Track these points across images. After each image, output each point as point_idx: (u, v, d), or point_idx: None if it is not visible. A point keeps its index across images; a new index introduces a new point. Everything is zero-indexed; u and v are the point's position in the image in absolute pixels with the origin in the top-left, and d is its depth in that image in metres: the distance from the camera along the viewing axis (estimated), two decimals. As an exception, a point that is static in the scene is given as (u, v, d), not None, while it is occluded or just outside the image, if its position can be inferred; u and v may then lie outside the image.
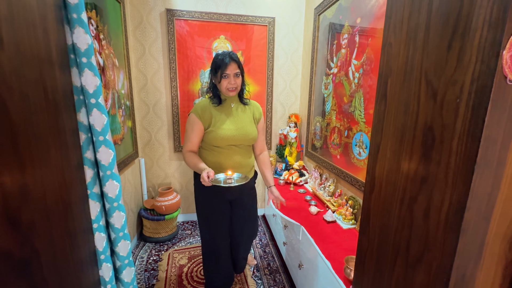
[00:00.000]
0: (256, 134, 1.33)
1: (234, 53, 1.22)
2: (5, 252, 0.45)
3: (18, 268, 0.48)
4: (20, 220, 0.49)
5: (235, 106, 1.29)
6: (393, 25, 0.73)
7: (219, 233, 1.39)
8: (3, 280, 0.44)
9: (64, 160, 0.64)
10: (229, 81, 1.19)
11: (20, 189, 0.48)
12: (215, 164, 1.26)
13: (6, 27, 0.46)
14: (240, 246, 1.51)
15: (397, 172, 0.71)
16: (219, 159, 1.26)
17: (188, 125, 1.26)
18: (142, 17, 2.09)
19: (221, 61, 1.18)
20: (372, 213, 0.84)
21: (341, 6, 1.64)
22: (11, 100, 0.46)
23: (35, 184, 0.52)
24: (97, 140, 0.75)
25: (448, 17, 0.55)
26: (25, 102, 0.51)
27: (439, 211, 0.58)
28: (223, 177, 1.17)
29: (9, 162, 0.46)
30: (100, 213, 0.77)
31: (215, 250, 1.42)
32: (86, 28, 0.69)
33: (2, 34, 0.45)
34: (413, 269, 0.67)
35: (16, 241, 0.47)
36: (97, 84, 0.73)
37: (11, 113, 0.47)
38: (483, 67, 0.48)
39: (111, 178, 0.78)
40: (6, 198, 0.44)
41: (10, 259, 0.46)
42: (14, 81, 0.47)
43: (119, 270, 0.85)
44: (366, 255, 0.87)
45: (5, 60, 0.46)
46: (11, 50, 0.47)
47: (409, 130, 0.67)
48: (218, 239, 1.40)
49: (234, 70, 1.19)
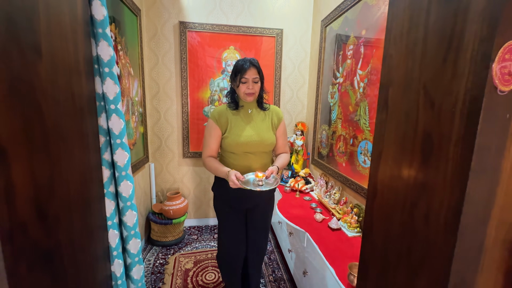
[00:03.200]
0: (274, 140, 1.31)
1: (255, 60, 1.24)
2: (34, 241, 0.50)
3: (43, 258, 0.53)
4: (47, 213, 0.54)
5: (253, 112, 1.29)
6: (394, 38, 0.77)
7: (234, 243, 1.38)
8: (30, 268, 0.49)
9: (86, 160, 0.70)
10: (247, 86, 1.20)
11: (48, 184, 0.53)
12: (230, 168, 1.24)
13: (45, 41, 0.53)
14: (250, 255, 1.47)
15: (398, 178, 0.73)
16: (235, 167, 1.24)
17: (206, 131, 1.28)
18: (156, 29, 2.21)
19: (241, 66, 1.20)
20: (374, 219, 0.86)
21: (347, 18, 1.70)
22: (45, 105, 0.52)
23: (61, 181, 0.58)
24: (114, 143, 0.81)
25: (443, 32, 0.59)
26: (57, 108, 0.57)
27: (438, 215, 0.60)
28: (252, 178, 1.12)
29: (42, 159, 0.51)
30: (114, 211, 0.83)
31: (229, 259, 1.40)
32: (110, 41, 0.76)
33: (42, 47, 0.52)
34: (415, 275, 0.67)
35: (43, 233, 0.52)
36: (117, 91, 0.80)
37: (45, 116, 0.53)
38: (475, 78, 0.51)
39: (125, 179, 0.84)
40: (37, 192, 0.50)
41: (38, 249, 0.51)
42: (49, 89, 0.54)
43: (129, 267, 0.89)
44: (369, 261, 0.88)
45: (43, 71, 0.52)
46: (48, 62, 0.54)
47: (409, 138, 0.69)
48: (233, 248, 1.38)
49: (253, 75, 1.20)
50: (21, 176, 0.47)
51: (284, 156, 1.36)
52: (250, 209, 1.37)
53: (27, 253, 0.48)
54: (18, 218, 0.46)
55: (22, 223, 0.47)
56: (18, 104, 0.46)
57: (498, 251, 0.59)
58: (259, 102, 1.31)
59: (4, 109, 0.43)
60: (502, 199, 0.56)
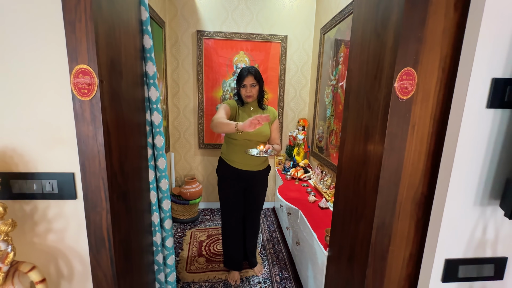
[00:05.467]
0: (269, 133, 1.67)
1: (253, 68, 1.57)
2: (118, 184, 0.85)
3: (122, 196, 0.88)
4: (124, 169, 0.88)
5: (254, 109, 1.65)
6: (353, 56, 1.05)
7: (235, 217, 1.74)
8: (117, 199, 0.83)
9: (139, 141, 1.05)
10: (246, 90, 1.57)
11: (124, 152, 0.87)
12: (232, 153, 1.63)
13: (124, 67, 0.87)
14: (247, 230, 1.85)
15: (352, 158, 1.03)
16: (235, 149, 1.62)
17: (219, 109, 1.59)
18: (177, 37, 2.56)
19: (241, 74, 1.58)
20: (340, 190, 1.15)
21: (340, 29, 1.97)
22: (124, 105, 0.87)
23: (129, 152, 0.92)
24: (155, 131, 1.16)
25: (376, 58, 0.88)
26: (128, 106, 0.91)
27: (370, 181, 0.89)
28: (256, 151, 1.49)
29: (122, 136, 0.86)
30: (154, 179, 1.18)
31: (230, 231, 1.77)
32: (153, 62, 1.10)
33: (122, 71, 0.86)
34: (358, 223, 0.97)
35: (122, 180, 0.87)
36: (157, 95, 1.15)
37: (123, 111, 0.87)
38: (387, 90, 0.80)
39: (161, 156, 1.19)
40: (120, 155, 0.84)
41: (120, 189, 0.86)
42: (125, 95, 0.88)
43: (163, 219, 1.25)
44: (336, 221, 1.19)
45: (124, 85, 0.86)
46: (125, 79, 0.87)
47: (358, 129, 0.99)
48: (233, 221, 1.75)
49: (250, 81, 1.56)
50: (114, 144, 0.81)
51: (277, 145, 1.70)
52: (247, 189, 1.73)
53: (116, 190, 0.83)
54: (113, 169, 0.80)
55: (114, 172, 0.81)
56: (114, 104, 0.80)
57: (409, 205, 0.87)
58: (259, 102, 1.65)
59: (109, 107, 0.77)
60: (409, 168, 0.84)
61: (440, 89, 0.79)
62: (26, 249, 0.84)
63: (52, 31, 0.73)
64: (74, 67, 0.71)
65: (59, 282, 0.88)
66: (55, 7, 0.72)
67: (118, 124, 0.84)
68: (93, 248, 0.82)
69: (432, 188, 0.84)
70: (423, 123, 0.81)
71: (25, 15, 0.72)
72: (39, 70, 0.75)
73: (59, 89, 0.76)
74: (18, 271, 0.73)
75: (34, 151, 0.79)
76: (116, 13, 0.83)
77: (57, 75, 0.75)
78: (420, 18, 0.73)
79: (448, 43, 0.76)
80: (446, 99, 0.79)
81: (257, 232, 1.92)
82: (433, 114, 0.80)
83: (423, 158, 0.83)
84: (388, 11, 0.80)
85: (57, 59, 0.74)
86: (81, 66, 0.70)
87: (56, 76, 0.75)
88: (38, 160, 0.80)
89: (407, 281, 0.91)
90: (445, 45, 0.76)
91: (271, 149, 1.51)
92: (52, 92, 0.76)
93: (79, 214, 0.83)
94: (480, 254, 0.81)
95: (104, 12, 0.75)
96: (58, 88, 0.76)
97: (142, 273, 1.09)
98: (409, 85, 0.77)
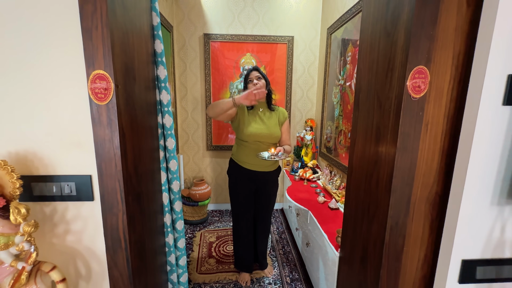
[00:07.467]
0: (279, 134, 1.66)
1: (256, 66, 1.67)
2: (133, 185, 0.86)
3: (136, 197, 0.90)
4: (138, 171, 0.91)
5: (263, 111, 1.65)
6: (362, 56, 1.05)
7: (246, 218, 1.75)
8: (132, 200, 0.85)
9: (151, 144, 1.07)
10: (253, 83, 1.59)
11: (138, 154, 0.90)
12: (243, 154, 1.63)
13: (137, 73, 0.90)
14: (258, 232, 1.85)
15: (363, 158, 1.02)
16: (246, 151, 1.63)
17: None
18: (185, 41, 2.60)
19: (246, 74, 1.65)
20: (351, 190, 1.15)
21: (347, 29, 1.96)
22: (137, 108, 0.88)
23: (142, 155, 0.95)
24: (166, 133, 1.18)
25: (386, 57, 0.87)
26: (141, 109, 0.94)
27: (382, 181, 0.89)
28: (267, 154, 1.50)
29: (137, 139, 0.88)
30: (166, 181, 1.20)
31: (241, 232, 1.78)
32: (164, 65, 1.13)
33: (135, 75, 0.88)
34: (371, 223, 0.96)
35: (136, 182, 0.89)
36: (168, 99, 1.17)
37: (137, 114, 0.90)
38: (399, 89, 0.79)
39: (173, 158, 1.21)
40: (134, 158, 0.86)
41: (134, 190, 0.88)
42: (138, 99, 0.90)
43: (174, 221, 1.27)
44: (347, 221, 1.18)
45: (136, 89, 0.89)
46: (137, 83, 0.90)
47: (369, 129, 0.98)
48: (244, 223, 1.76)
49: (255, 74, 1.61)
50: (129, 147, 0.83)
51: (287, 146, 1.70)
52: (258, 190, 1.73)
53: (131, 192, 0.85)
54: (128, 171, 0.82)
55: (129, 174, 0.83)
56: (128, 108, 0.83)
57: (423, 205, 0.86)
58: (268, 103, 1.65)
59: (124, 111, 0.79)
60: (423, 168, 0.83)
61: (453, 87, 0.78)
62: (46, 249, 0.87)
63: (70, 38, 0.76)
64: (91, 72, 0.73)
65: (77, 281, 0.91)
66: (73, 16, 0.74)
67: (132, 127, 0.87)
68: (110, 248, 0.84)
69: (447, 188, 0.83)
70: (436, 122, 0.80)
71: (44, 24, 0.75)
72: (58, 76, 0.78)
73: (76, 94, 0.79)
74: (40, 270, 0.76)
75: (53, 154, 0.82)
76: (129, 20, 0.85)
77: (75, 81, 0.78)
78: (431, 16, 0.72)
79: (461, 40, 0.75)
80: (460, 97, 0.78)
81: (268, 234, 1.92)
82: (447, 112, 0.79)
83: (437, 157, 0.82)
84: (398, 9, 0.79)
85: (75, 66, 0.77)
86: (98, 71, 0.73)
87: (74, 82, 0.78)
88: (57, 164, 0.82)
89: (422, 282, 0.90)
90: (458, 42, 0.75)
91: (282, 152, 1.51)
92: (70, 97, 0.79)
93: (96, 216, 0.85)
94: (499, 254, 0.79)
95: (118, 19, 0.77)
96: (76, 94, 0.79)
97: (156, 274, 1.11)
98: (421, 83, 0.76)
